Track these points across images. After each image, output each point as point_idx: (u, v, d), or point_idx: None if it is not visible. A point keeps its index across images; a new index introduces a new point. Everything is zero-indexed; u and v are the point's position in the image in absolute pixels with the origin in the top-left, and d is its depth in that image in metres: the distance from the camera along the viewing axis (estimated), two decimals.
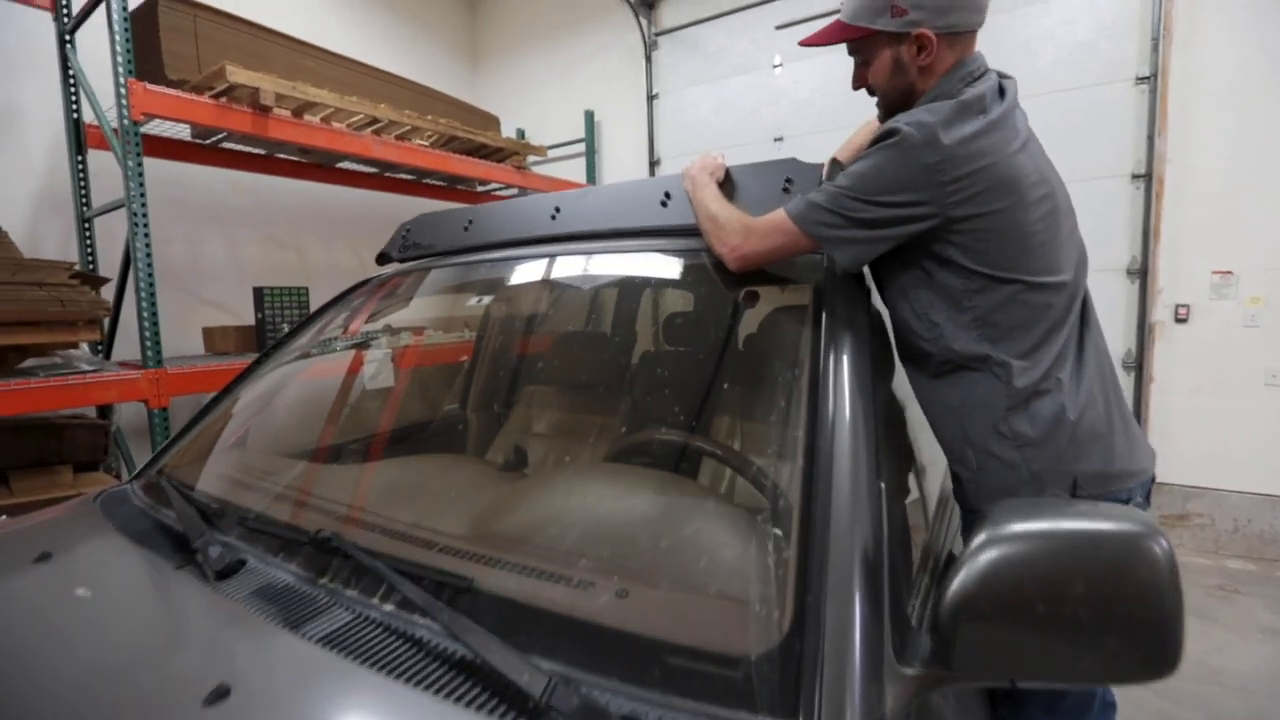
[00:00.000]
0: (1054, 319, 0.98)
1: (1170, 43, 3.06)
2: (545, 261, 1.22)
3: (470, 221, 1.37)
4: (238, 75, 2.65)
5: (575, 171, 4.93)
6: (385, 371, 1.61)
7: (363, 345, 1.46)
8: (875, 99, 1.14)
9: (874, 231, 0.96)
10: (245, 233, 3.94)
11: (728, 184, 1.12)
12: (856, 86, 1.14)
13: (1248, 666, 2.24)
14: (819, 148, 3.99)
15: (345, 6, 4.49)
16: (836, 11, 1.07)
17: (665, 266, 1.19)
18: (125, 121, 2.43)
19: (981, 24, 1.04)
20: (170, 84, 2.74)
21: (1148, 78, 3.12)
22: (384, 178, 4.12)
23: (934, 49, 1.01)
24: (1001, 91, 1.01)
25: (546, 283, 1.24)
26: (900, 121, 0.95)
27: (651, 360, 1.53)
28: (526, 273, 1.26)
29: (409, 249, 1.47)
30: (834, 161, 1.18)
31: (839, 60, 4.03)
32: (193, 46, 2.86)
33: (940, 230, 0.95)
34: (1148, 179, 3.15)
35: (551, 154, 4.85)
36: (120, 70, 2.41)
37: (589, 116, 4.84)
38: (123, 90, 2.41)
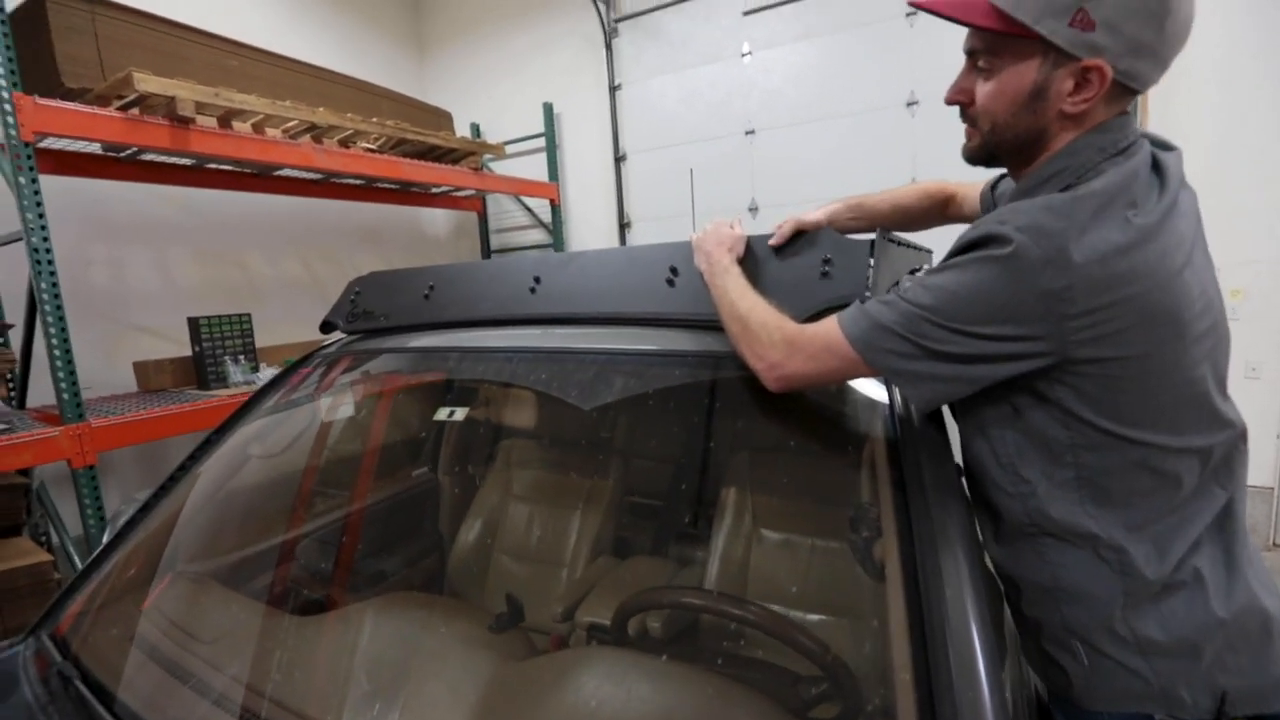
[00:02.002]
0: (1192, 488, 0.73)
1: None
2: (522, 362, 1.00)
3: (432, 287, 1.16)
4: (148, 83, 2.32)
5: (536, 168, 4.65)
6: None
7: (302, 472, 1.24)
8: (968, 126, 0.84)
9: (961, 368, 0.72)
10: (178, 250, 3.58)
11: (749, 260, 0.93)
12: (952, 100, 0.83)
13: None
14: (793, 141, 3.85)
15: None
16: None
17: (681, 373, 0.96)
18: (14, 143, 2.09)
19: (1153, 85, 0.76)
20: (69, 94, 2.39)
21: None
22: (330, 184, 3.79)
23: (1098, 91, 0.72)
24: (1158, 173, 0.74)
25: (529, 392, 1.04)
26: (1009, 226, 0.68)
27: (673, 502, 1.32)
28: (498, 371, 1.05)
29: (358, 318, 1.25)
30: (882, 233, 0.95)
31: (811, 48, 3.89)
32: (93, 49, 2.50)
33: (1052, 369, 0.71)
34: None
35: (510, 150, 4.57)
36: (3, 83, 2.07)
37: (548, 109, 4.56)
38: (8, 107, 2.07)
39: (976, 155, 0.85)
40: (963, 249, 0.73)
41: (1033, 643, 0.83)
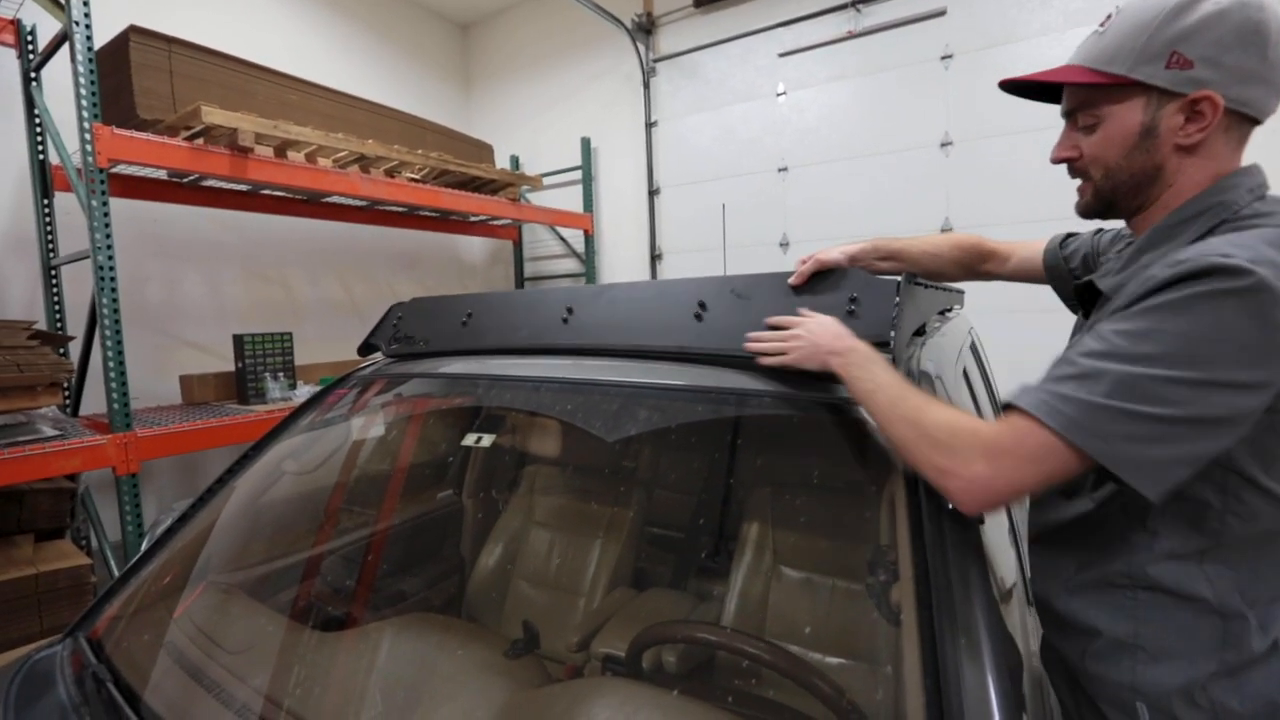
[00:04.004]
0: None
1: None
2: (551, 391, 1.02)
3: (470, 315, 1.20)
4: (214, 116, 2.48)
5: (572, 200, 4.77)
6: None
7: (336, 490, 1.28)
8: (1081, 182, 0.83)
9: (1210, 435, 0.61)
10: (227, 270, 3.75)
11: (777, 297, 0.93)
12: (1060, 159, 0.83)
13: None
14: (826, 179, 3.89)
15: (334, 36, 4.34)
16: (844, 38, 0.79)
17: (705, 408, 0.95)
18: (90, 168, 2.25)
19: (1272, 113, 0.75)
20: (142, 124, 2.57)
21: None
22: (374, 211, 3.95)
23: (1211, 123, 0.72)
24: None
25: (555, 421, 1.06)
26: (1239, 258, 0.61)
27: (693, 535, 1.32)
28: (527, 399, 1.07)
29: (399, 341, 1.30)
30: (910, 275, 0.93)
31: (845, 89, 3.94)
32: (168, 84, 2.70)
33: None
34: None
35: (547, 182, 4.71)
36: (85, 114, 2.23)
37: (585, 144, 4.69)
38: (87, 135, 2.23)
39: (1092, 207, 0.84)
40: (1168, 284, 0.64)
41: (1085, 698, 0.79)
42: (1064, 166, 0.86)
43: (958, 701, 0.50)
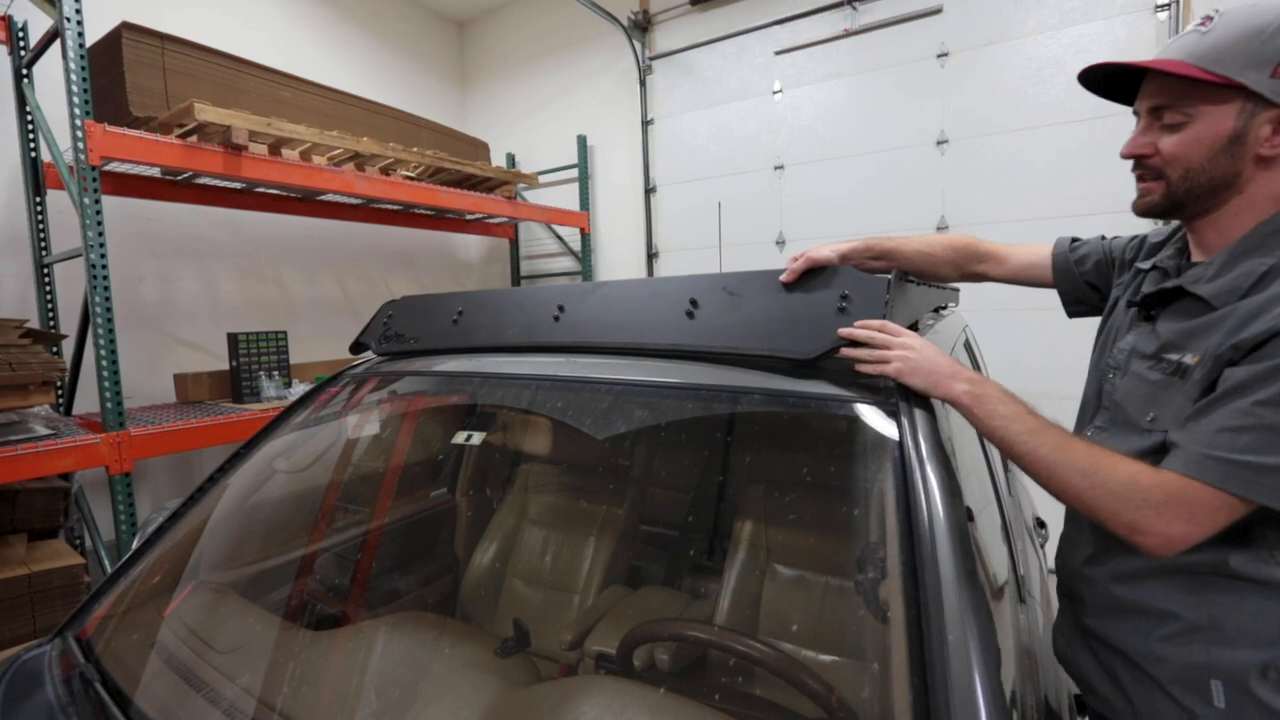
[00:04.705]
0: None
1: None
2: (542, 388, 1.02)
3: (460, 313, 1.20)
4: (207, 113, 2.47)
5: (568, 198, 4.77)
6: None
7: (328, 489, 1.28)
8: (1146, 180, 0.85)
9: None
10: (222, 267, 3.74)
11: (768, 294, 0.93)
12: (1134, 153, 0.85)
13: None
14: (821, 177, 3.89)
15: (329, 33, 4.32)
16: (840, 36, 0.79)
17: (696, 405, 0.95)
18: (83, 166, 2.23)
19: None
20: (135, 122, 2.55)
21: None
22: (369, 209, 3.94)
23: None
24: None
25: (548, 419, 1.06)
26: None
27: (686, 533, 1.32)
28: (518, 397, 1.06)
29: (390, 340, 1.29)
30: (900, 273, 0.94)
31: (841, 87, 3.94)
32: (160, 80, 2.68)
33: None
34: (1135, 213, 3.03)
35: (543, 180, 4.70)
36: (77, 111, 2.22)
37: (581, 141, 4.68)
38: (79, 133, 2.22)
39: (1157, 206, 0.86)
40: None
41: (1153, 683, 0.82)
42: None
43: (944, 698, 0.51)
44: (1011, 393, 0.83)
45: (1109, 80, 0.88)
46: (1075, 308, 1.14)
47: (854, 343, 0.85)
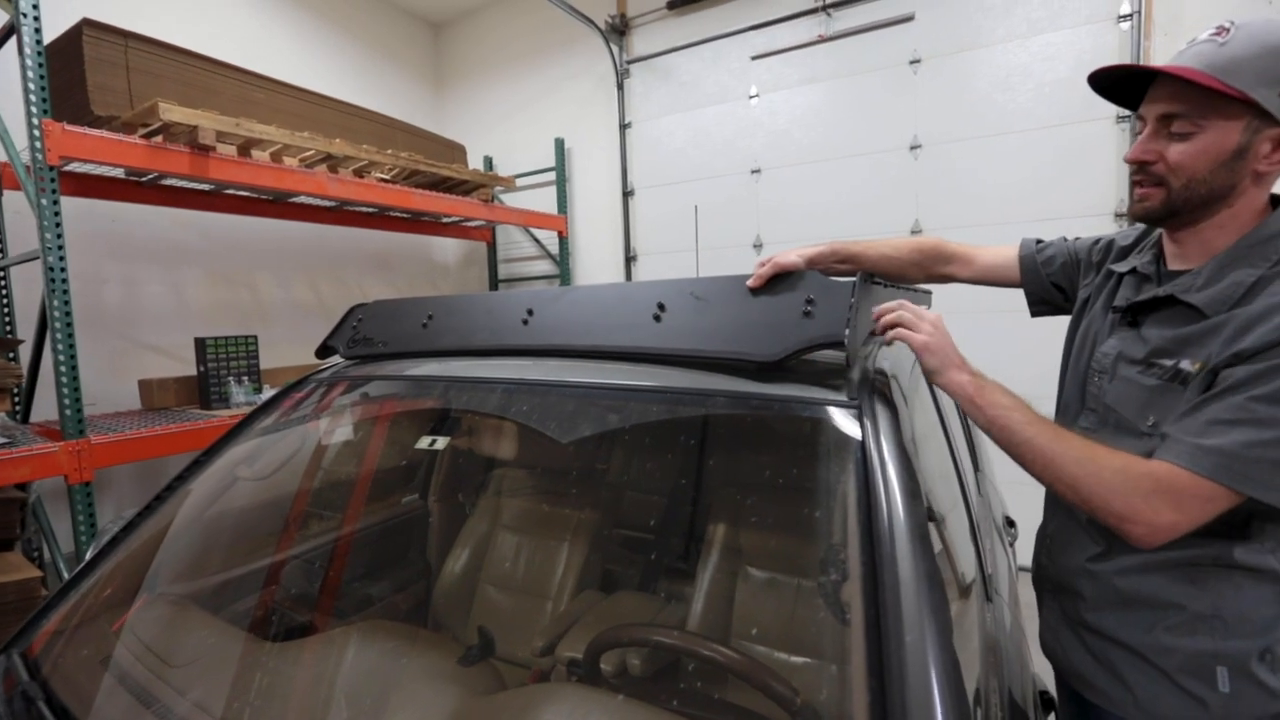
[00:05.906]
0: None
1: None
2: (510, 392, 1.00)
3: (430, 317, 1.18)
4: (172, 113, 2.41)
5: (546, 201, 4.75)
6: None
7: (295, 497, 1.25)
8: (1146, 186, 0.87)
9: None
10: (190, 271, 3.65)
11: (734, 300, 0.93)
12: (1139, 159, 0.86)
13: None
14: (797, 181, 3.92)
15: (301, 33, 4.25)
16: (815, 42, 0.80)
17: (662, 408, 0.95)
18: (40, 166, 2.17)
19: None
20: (97, 121, 2.48)
21: (1128, 116, 3.08)
22: (343, 212, 3.88)
23: None
24: None
25: (516, 424, 1.05)
26: None
27: (659, 537, 1.32)
28: (484, 401, 1.06)
29: (358, 344, 1.27)
30: (865, 276, 0.95)
31: (817, 92, 3.98)
32: (124, 79, 2.61)
33: None
34: (1130, 218, 3.11)
35: (520, 183, 4.68)
36: (34, 109, 2.15)
37: (559, 144, 4.67)
38: (36, 132, 2.15)
39: (1155, 213, 0.87)
40: None
41: (1158, 673, 0.85)
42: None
43: (901, 699, 0.51)
44: (1008, 389, 0.86)
45: (1116, 83, 0.89)
46: (1040, 307, 1.18)
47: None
